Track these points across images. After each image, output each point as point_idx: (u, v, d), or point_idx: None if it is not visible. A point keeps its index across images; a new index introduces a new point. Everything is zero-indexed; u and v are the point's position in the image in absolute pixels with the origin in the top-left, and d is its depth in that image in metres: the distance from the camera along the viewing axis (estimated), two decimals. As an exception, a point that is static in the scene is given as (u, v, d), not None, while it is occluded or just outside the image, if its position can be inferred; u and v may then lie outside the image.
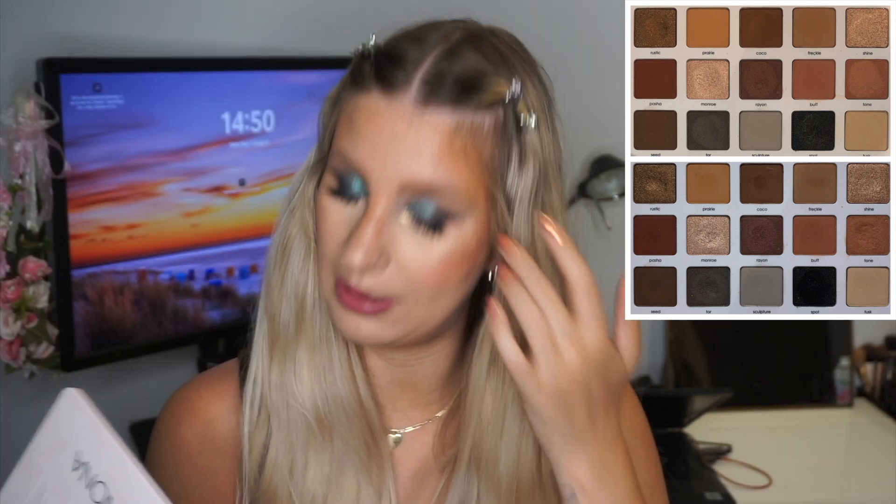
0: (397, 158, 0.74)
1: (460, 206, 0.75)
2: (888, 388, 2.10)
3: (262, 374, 0.85)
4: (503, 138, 0.77)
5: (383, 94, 0.75)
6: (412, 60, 0.75)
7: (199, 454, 0.87)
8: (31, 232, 1.44)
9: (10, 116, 1.39)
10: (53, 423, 0.70)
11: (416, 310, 0.78)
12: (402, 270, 0.76)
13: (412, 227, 0.76)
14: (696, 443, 1.84)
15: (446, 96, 0.74)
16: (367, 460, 0.84)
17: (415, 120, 0.74)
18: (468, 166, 0.75)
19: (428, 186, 0.74)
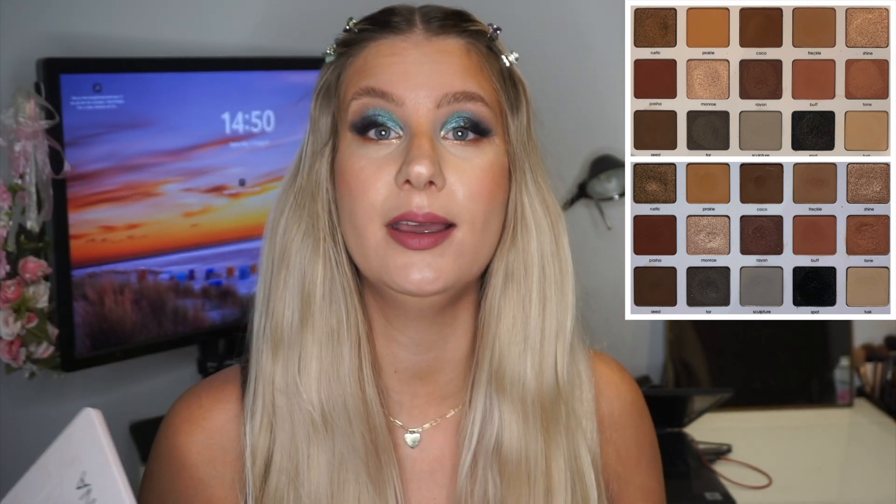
0: (428, 76, 0.79)
1: (491, 119, 0.81)
2: (888, 388, 2.10)
3: (265, 380, 0.85)
4: (499, 66, 0.84)
5: (392, 34, 0.82)
6: (402, 10, 0.83)
7: (196, 465, 0.86)
8: (31, 232, 1.44)
9: (10, 116, 1.39)
10: (69, 437, 0.71)
11: (474, 234, 0.80)
12: (458, 186, 0.79)
13: (455, 142, 0.80)
14: (696, 443, 1.84)
15: (449, 25, 0.82)
16: (367, 461, 0.83)
17: (430, 43, 0.81)
18: (488, 80, 0.81)
19: (465, 94, 0.79)
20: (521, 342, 0.84)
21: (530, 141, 0.84)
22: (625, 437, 0.94)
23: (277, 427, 0.84)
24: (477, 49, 0.82)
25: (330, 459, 0.83)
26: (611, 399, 0.93)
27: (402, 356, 0.86)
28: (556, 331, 0.84)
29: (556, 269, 0.84)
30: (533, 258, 0.83)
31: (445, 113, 0.79)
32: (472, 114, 0.79)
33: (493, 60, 0.83)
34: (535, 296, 0.84)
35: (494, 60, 0.83)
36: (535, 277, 0.84)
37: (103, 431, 0.70)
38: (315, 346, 0.83)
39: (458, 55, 0.81)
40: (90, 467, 0.70)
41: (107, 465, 0.69)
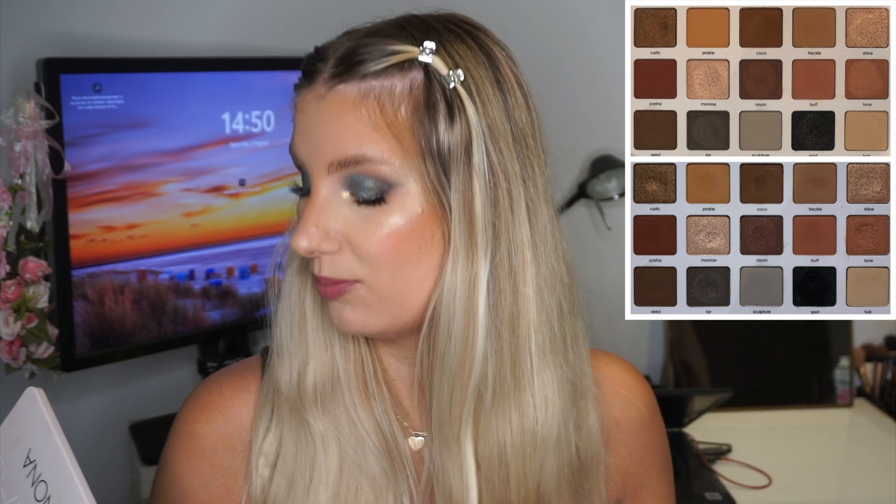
0: (319, 140, 0.77)
1: (390, 173, 0.76)
2: (888, 388, 2.10)
3: (274, 385, 0.86)
4: (426, 99, 0.76)
5: (305, 83, 0.79)
6: (333, 50, 0.79)
7: (213, 451, 0.87)
8: (31, 232, 1.44)
9: (10, 116, 1.39)
10: (14, 418, 0.72)
11: (381, 289, 0.78)
12: (354, 249, 0.77)
13: (353, 203, 0.77)
14: (696, 443, 1.84)
15: (351, 70, 0.76)
16: (383, 478, 0.84)
17: (325, 100, 0.77)
18: (380, 132, 0.76)
19: (351, 159, 0.76)
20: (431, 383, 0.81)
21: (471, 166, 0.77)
22: (639, 441, 0.93)
23: (284, 433, 0.85)
24: (376, 94, 0.76)
25: (337, 469, 0.84)
26: (625, 403, 0.92)
27: (397, 366, 0.87)
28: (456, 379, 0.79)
29: (462, 313, 0.78)
30: (445, 301, 0.78)
31: (339, 178, 0.77)
32: (363, 175, 0.76)
33: (403, 99, 0.76)
34: (441, 341, 0.79)
35: (406, 98, 0.76)
36: (442, 321, 0.78)
37: (46, 408, 0.70)
38: (311, 360, 0.84)
39: (346, 112, 0.76)
40: (35, 444, 0.70)
41: (51, 439, 0.69)
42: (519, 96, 0.81)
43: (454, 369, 0.79)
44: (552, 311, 0.82)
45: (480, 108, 0.77)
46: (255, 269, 1.67)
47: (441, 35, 0.79)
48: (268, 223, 1.66)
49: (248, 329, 1.67)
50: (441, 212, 0.77)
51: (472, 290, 0.77)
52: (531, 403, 0.82)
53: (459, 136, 0.76)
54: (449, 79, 0.77)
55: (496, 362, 0.79)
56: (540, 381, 0.82)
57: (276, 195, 1.66)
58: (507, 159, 0.78)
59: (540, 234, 0.81)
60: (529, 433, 0.82)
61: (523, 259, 0.79)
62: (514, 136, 0.79)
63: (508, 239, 0.79)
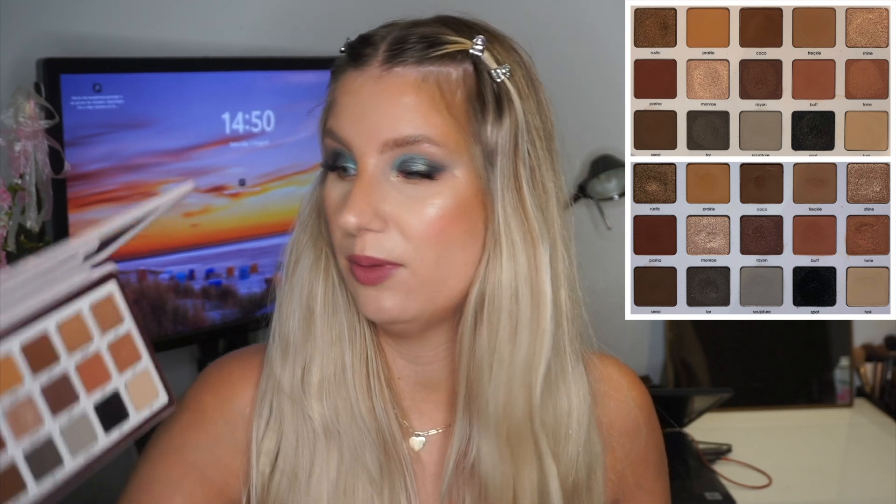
0: (373, 119, 0.78)
1: (444, 155, 0.78)
2: (888, 388, 2.10)
3: (274, 383, 0.87)
4: (477, 88, 0.80)
5: (355, 68, 0.80)
6: (381, 36, 0.81)
7: (212, 421, 0.88)
8: (31, 232, 1.44)
9: (10, 116, 1.39)
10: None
11: (422, 273, 0.79)
12: (401, 229, 0.78)
13: (403, 184, 0.78)
14: (696, 443, 1.84)
15: (406, 54, 0.79)
16: (379, 471, 0.85)
17: (382, 81, 0.79)
18: (441, 114, 0.78)
19: (407, 139, 0.77)
20: (488, 371, 0.81)
21: (517, 158, 0.80)
22: (635, 443, 0.94)
23: (284, 429, 0.86)
24: (434, 79, 0.79)
25: (337, 464, 0.85)
26: (620, 404, 0.93)
27: (403, 365, 0.88)
28: (527, 361, 0.81)
29: (528, 297, 0.80)
30: (502, 287, 0.80)
31: (391, 157, 0.78)
32: (418, 155, 0.78)
33: (459, 85, 0.79)
34: (503, 325, 0.80)
35: (461, 85, 0.79)
36: (504, 307, 0.80)
37: (178, 194, 0.71)
38: (318, 356, 0.85)
39: (407, 92, 0.78)
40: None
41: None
42: (543, 97, 0.84)
43: (528, 354, 0.81)
44: (579, 310, 0.86)
45: (520, 102, 0.81)
46: (255, 269, 1.67)
47: (481, 33, 0.82)
48: (268, 223, 1.66)
49: (248, 329, 1.67)
50: (485, 200, 0.80)
51: (537, 277, 0.80)
52: (564, 392, 0.85)
53: (508, 129, 0.80)
54: (498, 73, 0.80)
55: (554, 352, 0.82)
56: (573, 368, 0.86)
57: (276, 195, 1.66)
58: (541, 153, 0.82)
59: (565, 234, 0.84)
60: (563, 421, 0.85)
61: (557, 250, 0.83)
62: (546, 135, 0.83)
63: (549, 229, 0.82)
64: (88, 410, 0.69)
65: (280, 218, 1.66)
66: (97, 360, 0.70)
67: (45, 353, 0.67)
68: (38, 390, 0.66)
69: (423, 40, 0.79)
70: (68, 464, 0.66)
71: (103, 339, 0.72)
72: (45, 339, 0.67)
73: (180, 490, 0.85)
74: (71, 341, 0.69)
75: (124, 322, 0.73)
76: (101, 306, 0.71)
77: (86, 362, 0.69)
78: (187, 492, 0.85)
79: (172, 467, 0.86)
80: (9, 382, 0.64)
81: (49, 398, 0.66)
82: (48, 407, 0.66)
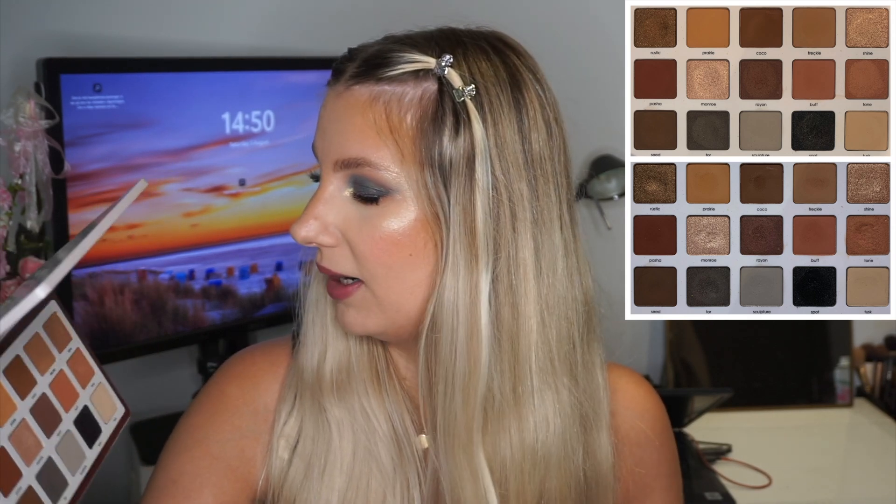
0: (330, 136, 0.80)
1: (387, 179, 0.78)
2: (888, 388, 2.10)
3: (298, 371, 0.89)
4: (435, 110, 0.77)
5: (332, 83, 0.82)
6: (362, 51, 0.81)
7: (237, 412, 0.89)
8: (31, 232, 1.44)
9: (10, 116, 1.39)
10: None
11: (377, 292, 0.80)
12: (350, 247, 0.80)
13: (354, 202, 0.79)
14: (696, 443, 1.84)
15: (367, 73, 0.79)
16: (391, 471, 0.86)
17: (340, 99, 0.79)
18: (383, 138, 0.77)
19: (353, 160, 0.78)
20: (436, 389, 0.81)
21: (473, 180, 0.77)
22: (647, 452, 0.94)
23: (305, 417, 0.88)
24: (386, 100, 0.77)
25: (351, 458, 0.86)
26: (636, 415, 0.93)
27: (404, 365, 0.89)
28: (464, 385, 0.79)
29: (464, 321, 0.78)
30: (443, 309, 0.78)
31: (343, 176, 0.80)
32: (361, 177, 0.78)
33: (411, 107, 0.77)
34: (443, 347, 0.79)
35: (414, 106, 0.77)
36: (444, 329, 0.79)
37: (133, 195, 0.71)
38: (329, 348, 0.87)
39: (356, 113, 0.78)
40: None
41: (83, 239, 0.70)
42: (539, 120, 0.81)
43: (462, 379, 0.79)
44: (553, 334, 0.82)
45: (490, 125, 0.78)
46: (255, 269, 1.67)
47: (467, 49, 0.80)
48: (268, 223, 1.66)
49: (248, 329, 1.67)
50: (435, 222, 0.78)
51: (473, 300, 0.78)
52: (531, 421, 0.83)
53: (462, 150, 0.77)
54: (460, 92, 0.77)
55: (499, 375, 0.80)
56: (540, 399, 0.83)
57: (276, 195, 1.66)
58: (513, 179, 0.79)
59: (546, 258, 0.81)
60: (529, 450, 0.83)
61: (524, 278, 0.80)
62: (527, 157, 0.80)
63: (508, 255, 0.79)
64: (72, 428, 0.69)
65: (280, 218, 1.66)
66: (64, 378, 0.71)
67: (23, 376, 0.67)
68: (30, 414, 0.66)
69: (385, 58, 0.78)
70: (71, 483, 0.67)
71: (62, 357, 0.72)
72: (20, 362, 0.67)
73: (208, 483, 0.86)
74: (39, 363, 0.69)
75: (73, 339, 0.73)
76: (51, 325, 0.72)
77: (55, 382, 0.70)
78: (215, 484, 0.86)
79: (199, 460, 0.86)
80: (5, 410, 0.64)
81: (40, 421, 0.66)
82: (42, 430, 0.66)
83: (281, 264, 1.69)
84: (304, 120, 1.67)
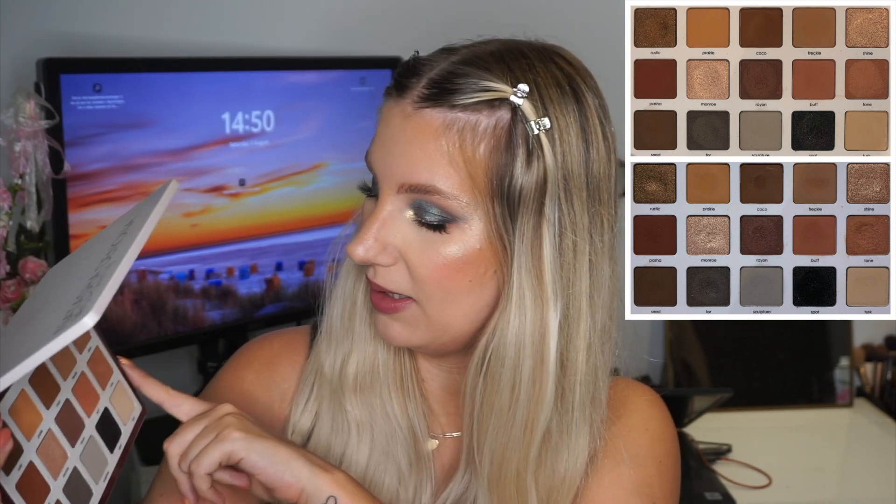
0: (395, 158, 0.77)
1: (456, 208, 0.76)
2: (888, 388, 2.10)
3: (318, 366, 0.88)
4: (508, 140, 0.76)
5: (395, 96, 0.78)
6: (428, 68, 0.78)
7: (256, 400, 0.89)
8: (31, 232, 1.44)
9: (10, 116, 1.39)
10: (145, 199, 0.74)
11: (430, 312, 0.79)
12: (408, 268, 0.78)
13: (416, 225, 0.78)
14: (696, 443, 1.84)
15: (440, 97, 0.76)
16: (407, 471, 0.86)
17: (410, 120, 0.77)
18: (456, 167, 0.76)
19: (422, 187, 0.76)
20: (487, 424, 0.80)
21: (542, 215, 0.77)
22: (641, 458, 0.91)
23: (321, 413, 0.88)
24: (460, 128, 0.75)
25: (367, 457, 0.86)
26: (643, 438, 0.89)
27: (428, 368, 0.89)
28: (525, 421, 0.79)
29: (530, 359, 0.78)
30: (506, 343, 0.78)
31: (406, 199, 0.78)
32: (428, 203, 0.77)
33: (485, 137, 0.76)
34: (504, 382, 0.79)
35: (488, 136, 0.76)
36: (507, 364, 0.78)
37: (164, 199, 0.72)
38: (356, 350, 0.87)
39: (428, 139, 0.76)
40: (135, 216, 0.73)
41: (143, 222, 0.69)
42: (602, 148, 0.81)
43: (524, 411, 0.78)
44: (598, 366, 0.82)
45: (560, 157, 0.77)
46: (255, 269, 1.67)
47: (538, 75, 0.78)
48: (268, 223, 1.66)
49: (247, 329, 1.67)
50: (501, 251, 0.78)
51: (541, 337, 0.78)
52: (565, 456, 0.82)
53: (534, 183, 0.76)
54: (535, 126, 0.76)
55: (556, 410, 0.80)
56: (577, 433, 0.83)
57: (276, 195, 1.66)
58: (577, 212, 0.79)
59: (598, 289, 0.81)
60: (559, 480, 0.82)
61: (579, 311, 0.80)
62: (589, 188, 0.80)
63: (568, 290, 0.79)
64: (94, 433, 0.69)
65: (280, 218, 1.66)
66: (85, 381, 0.70)
67: (47, 383, 0.66)
68: (55, 424, 0.65)
69: (458, 84, 0.76)
70: (95, 492, 0.66)
71: (83, 358, 0.71)
72: (44, 368, 0.66)
73: None
74: (62, 367, 0.68)
75: (92, 338, 0.72)
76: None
77: (77, 386, 0.69)
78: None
79: None
80: (32, 422, 0.63)
81: (64, 430, 0.65)
82: (67, 439, 0.65)
83: (281, 264, 1.69)
84: (304, 120, 1.67)
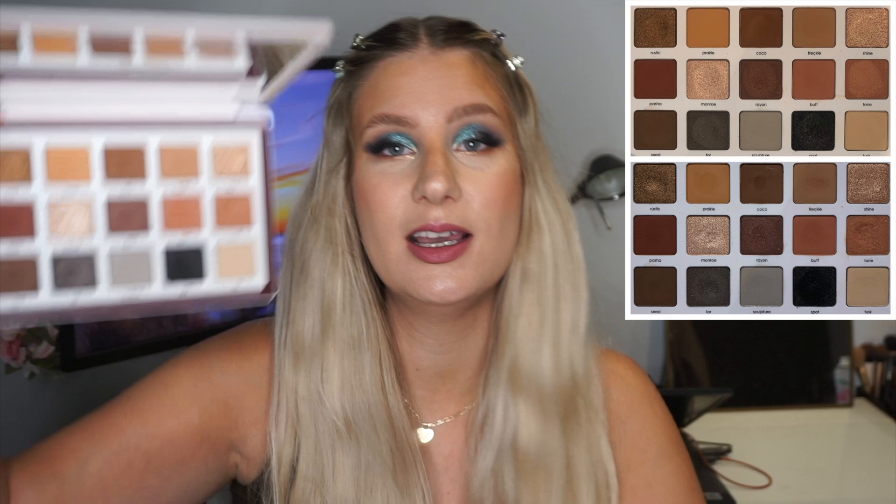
0: (438, 92, 0.80)
1: (501, 128, 0.81)
2: (888, 388, 2.10)
3: (288, 390, 0.85)
4: (503, 73, 0.84)
5: (398, 51, 0.82)
6: (407, 25, 0.83)
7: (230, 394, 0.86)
8: (31, 232, 1.44)
9: None
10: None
11: (487, 248, 0.80)
12: (474, 195, 0.79)
13: (465, 156, 0.80)
14: (696, 443, 1.84)
15: (453, 37, 0.82)
16: (393, 467, 0.85)
17: (436, 59, 0.81)
18: (494, 88, 0.82)
19: (474, 106, 0.80)
20: (537, 339, 0.85)
21: (538, 143, 0.85)
22: (629, 425, 0.92)
23: (302, 435, 0.85)
24: (482, 58, 0.83)
25: (356, 465, 0.85)
26: (617, 391, 0.93)
27: (423, 355, 0.88)
28: (572, 326, 0.85)
29: (568, 265, 0.85)
30: (547, 257, 0.84)
31: (456, 126, 0.80)
32: (482, 125, 0.80)
33: (498, 67, 0.83)
34: (549, 293, 0.84)
35: (499, 67, 0.84)
36: (549, 275, 0.84)
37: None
38: (337, 356, 0.84)
39: (463, 67, 0.81)
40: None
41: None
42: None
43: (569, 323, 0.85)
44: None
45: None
46: (255, 269, 1.67)
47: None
48: (268, 223, 1.66)
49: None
50: (520, 176, 0.84)
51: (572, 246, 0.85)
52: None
53: (531, 113, 0.84)
54: (513, 63, 0.85)
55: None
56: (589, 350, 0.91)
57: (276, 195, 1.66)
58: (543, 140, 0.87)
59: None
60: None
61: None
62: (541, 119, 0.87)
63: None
64: (155, 248, 0.58)
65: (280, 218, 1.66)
66: (192, 202, 0.60)
67: (132, 164, 0.56)
68: (103, 198, 0.55)
69: (460, 27, 0.83)
70: (101, 292, 0.55)
71: (213, 184, 0.62)
72: (139, 153, 0.57)
73: (199, 402, 0.84)
74: (169, 167, 0.58)
75: (249, 179, 0.65)
76: (227, 152, 0.63)
77: (176, 198, 0.58)
78: (206, 407, 0.84)
79: (198, 379, 0.85)
80: (73, 174, 0.53)
81: (112, 213, 0.55)
82: (107, 221, 0.55)
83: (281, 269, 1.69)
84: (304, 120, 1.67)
